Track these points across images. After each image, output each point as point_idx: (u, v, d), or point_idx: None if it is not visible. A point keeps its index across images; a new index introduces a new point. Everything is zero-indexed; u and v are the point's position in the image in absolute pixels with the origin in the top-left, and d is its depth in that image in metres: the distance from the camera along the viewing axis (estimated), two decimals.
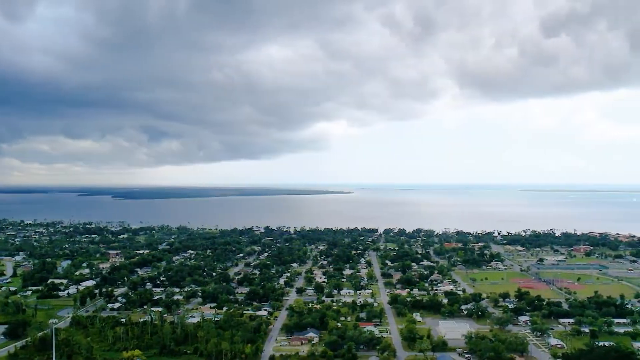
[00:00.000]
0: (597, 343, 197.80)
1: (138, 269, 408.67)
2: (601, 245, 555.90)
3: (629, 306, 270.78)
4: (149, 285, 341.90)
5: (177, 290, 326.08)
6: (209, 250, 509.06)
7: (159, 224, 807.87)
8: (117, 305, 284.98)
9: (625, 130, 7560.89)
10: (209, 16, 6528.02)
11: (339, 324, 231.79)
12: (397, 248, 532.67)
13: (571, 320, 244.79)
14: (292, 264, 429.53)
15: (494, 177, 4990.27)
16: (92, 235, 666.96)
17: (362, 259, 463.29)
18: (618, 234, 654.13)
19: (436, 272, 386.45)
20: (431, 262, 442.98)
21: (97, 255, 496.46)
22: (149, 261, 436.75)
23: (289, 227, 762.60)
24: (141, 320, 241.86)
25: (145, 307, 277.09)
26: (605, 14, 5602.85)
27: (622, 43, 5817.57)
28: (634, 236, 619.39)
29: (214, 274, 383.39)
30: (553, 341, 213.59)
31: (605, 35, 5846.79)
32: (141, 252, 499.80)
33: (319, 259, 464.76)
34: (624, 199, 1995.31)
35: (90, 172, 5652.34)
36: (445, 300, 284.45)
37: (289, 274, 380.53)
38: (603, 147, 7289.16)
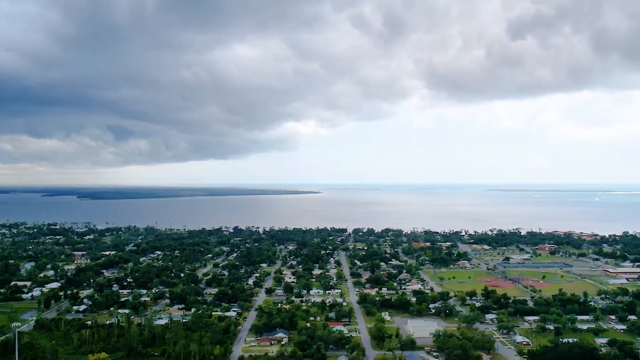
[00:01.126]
0: (561, 340, 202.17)
1: (104, 271, 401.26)
2: (565, 244, 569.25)
3: (592, 303, 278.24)
4: (115, 287, 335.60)
5: (145, 291, 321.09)
6: (177, 251, 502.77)
7: (125, 225, 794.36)
8: (82, 307, 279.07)
9: (588, 130, 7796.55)
10: (177, 15, 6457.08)
11: (308, 324, 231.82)
12: (366, 248, 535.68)
13: (536, 317, 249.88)
14: (261, 264, 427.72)
15: (462, 177, 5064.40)
16: (57, 237, 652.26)
17: (331, 259, 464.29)
18: (581, 232, 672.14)
19: (404, 271, 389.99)
20: (400, 261, 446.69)
21: (62, 256, 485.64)
22: (116, 262, 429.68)
23: (258, 227, 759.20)
24: (107, 322, 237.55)
25: (111, 309, 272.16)
26: (570, 18, 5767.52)
27: (585, 46, 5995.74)
28: (596, 235, 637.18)
29: (182, 274, 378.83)
30: (519, 338, 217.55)
31: (570, 38, 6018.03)
32: (107, 253, 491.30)
33: (288, 259, 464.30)
34: (587, 199, 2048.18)
35: (55, 172, 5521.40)
36: (413, 299, 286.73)
37: (258, 275, 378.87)
38: (567, 147, 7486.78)
